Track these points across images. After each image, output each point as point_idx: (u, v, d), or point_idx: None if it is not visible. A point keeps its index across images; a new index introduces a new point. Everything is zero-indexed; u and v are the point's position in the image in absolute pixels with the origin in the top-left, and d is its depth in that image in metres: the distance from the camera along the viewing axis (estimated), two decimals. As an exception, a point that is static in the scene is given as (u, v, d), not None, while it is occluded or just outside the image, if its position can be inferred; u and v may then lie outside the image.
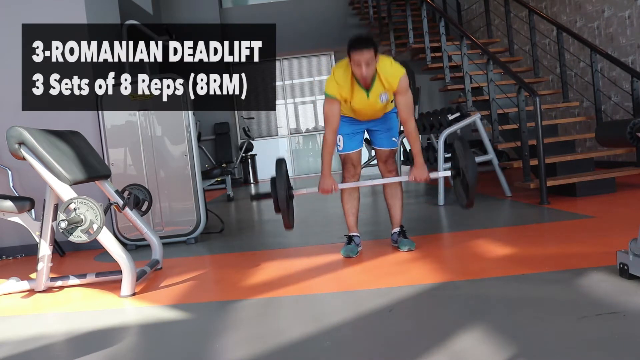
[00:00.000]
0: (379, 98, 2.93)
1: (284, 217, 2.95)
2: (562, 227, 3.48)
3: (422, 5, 6.28)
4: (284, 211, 2.91)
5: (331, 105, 2.92)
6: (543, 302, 2.05)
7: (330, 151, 2.99)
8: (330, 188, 3.00)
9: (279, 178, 2.90)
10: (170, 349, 1.96)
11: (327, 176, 3.01)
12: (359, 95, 2.92)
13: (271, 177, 2.98)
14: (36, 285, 2.90)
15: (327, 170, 3.02)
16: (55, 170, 2.62)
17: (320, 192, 3.03)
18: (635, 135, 2.11)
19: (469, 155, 2.90)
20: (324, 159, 3.01)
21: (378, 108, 3.00)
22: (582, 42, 5.20)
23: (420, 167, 3.00)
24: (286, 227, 3.03)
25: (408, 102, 2.94)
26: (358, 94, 2.91)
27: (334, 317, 2.10)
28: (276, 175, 2.93)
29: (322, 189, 3.01)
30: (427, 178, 3.01)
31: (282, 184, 2.88)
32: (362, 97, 2.92)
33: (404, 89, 2.91)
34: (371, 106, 2.98)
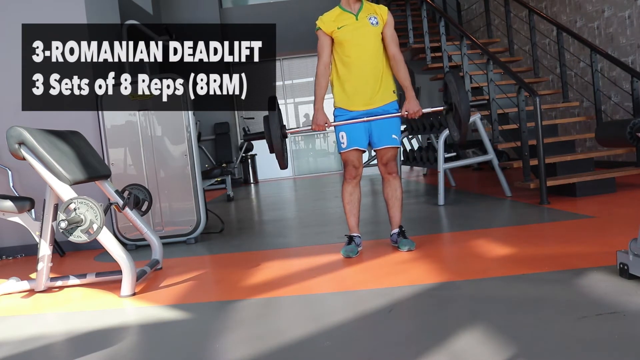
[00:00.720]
0: (368, 20, 3.04)
1: (278, 156, 2.99)
2: (562, 227, 3.48)
3: (422, 5, 6.28)
4: (278, 150, 2.94)
5: (321, 39, 3.10)
6: (543, 302, 2.05)
7: (322, 84, 3.09)
8: (323, 123, 3.08)
9: (272, 117, 2.94)
10: (170, 349, 1.96)
11: (320, 110, 3.09)
12: (347, 20, 3.05)
13: (264, 116, 3.02)
14: (36, 285, 2.90)
15: (320, 104, 3.10)
16: (55, 170, 2.62)
17: (313, 128, 3.10)
18: (635, 135, 2.11)
19: (461, 89, 2.93)
20: (316, 92, 3.11)
21: (371, 39, 3.05)
22: (582, 42, 5.20)
23: (412, 100, 3.07)
24: (281, 166, 3.09)
25: (395, 36, 3.12)
26: (346, 19, 3.05)
27: (334, 317, 2.10)
28: (269, 114, 2.97)
29: (315, 124, 3.09)
30: (419, 112, 3.07)
31: (275, 123, 2.92)
32: (350, 21, 3.04)
33: (392, 23, 3.10)
34: (363, 34, 3.04)
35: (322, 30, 3.09)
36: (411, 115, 3.06)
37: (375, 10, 3.06)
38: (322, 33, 3.09)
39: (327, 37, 3.09)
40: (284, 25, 10.38)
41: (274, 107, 3.00)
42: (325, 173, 10.98)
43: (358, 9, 3.06)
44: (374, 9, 3.07)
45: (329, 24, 3.07)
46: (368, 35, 3.03)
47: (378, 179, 5.78)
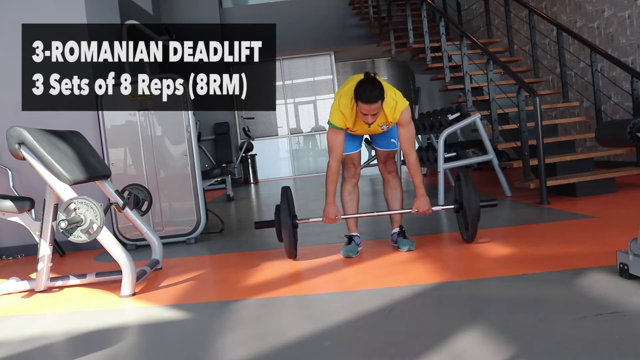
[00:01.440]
0: (379, 127, 3.00)
1: (287, 246, 3.02)
2: (562, 227, 3.48)
3: (422, 5, 6.28)
4: (289, 241, 2.98)
5: (336, 134, 2.95)
6: (543, 302, 2.05)
7: (334, 179, 3.02)
8: (334, 217, 3.04)
9: (284, 207, 2.96)
10: (170, 349, 1.96)
11: (332, 204, 3.04)
12: (361, 125, 2.96)
13: (276, 205, 3.04)
14: (36, 285, 2.90)
15: (332, 198, 3.04)
16: (55, 170, 2.62)
17: (324, 221, 3.08)
18: (635, 135, 2.11)
19: (471, 190, 2.96)
20: (328, 187, 3.04)
21: (378, 132, 3.08)
22: (582, 42, 5.20)
23: (422, 199, 3.06)
24: (289, 256, 3.10)
25: (410, 134, 2.97)
26: (360, 125, 2.96)
27: (334, 317, 2.10)
28: (281, 204, 2.99)
29: (326, 217, 3.06)
30: (429, 210, 3.07)
31: (286, 212, 2.95)
32: (363, 127, 2.97)
33: (406, 122, 2.94)
34: (372, 131, 3.07)
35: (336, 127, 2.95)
36: (420, 213, 3.08)
37: (388, 118, 2.90)
38: (337, 129, 2.95)
39: (343, 131, 2.96)
40: (284, 25, 10.37)
41: (286, 198, 3.01)
42: (325, 173, 10.97)
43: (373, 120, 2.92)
44: (389, 117, 2.90)
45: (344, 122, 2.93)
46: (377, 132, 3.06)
47: (378, 179, 5.77)
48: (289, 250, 3.05)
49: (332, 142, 2.97)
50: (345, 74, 11.61)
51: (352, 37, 10.35)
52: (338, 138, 2.95)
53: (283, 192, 3.04)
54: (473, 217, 2.96)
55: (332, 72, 10.99)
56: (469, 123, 4.87)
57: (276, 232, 3.04)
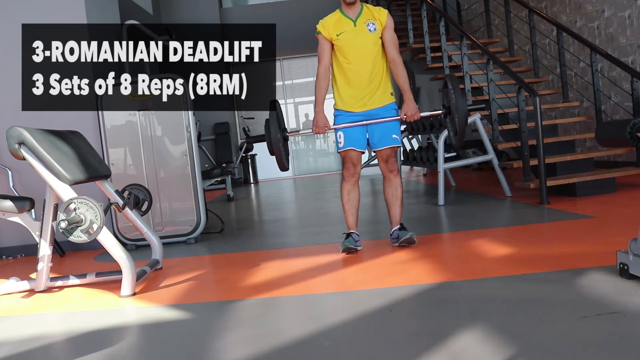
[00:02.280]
0: (366, 26, 3.04)
1: (278, 158, 3.04)
2: (562, 227, 3.48)
3: (422, 5, 6.28)
4: (278, 153, 2.99)
5: (321, 43, 3.13)
6: (543, 302, 2.05)
7: (323, 85, 3.12)
8: (323, 126, 3.12)
9: (272, 119, 2.98)
10: (170, 349, 1.96)
11: (320, 112, 3.13)
12: (345, 27, 3.06)
13: (265, 119, 3.06)
14: (36, 285, 2.90)
15: (320, 106, 3.13)
16: (55, 170, 2.62)
17: (314, 131, 3.14)
18: (635, 135, 2.11)
19: (458, 94, 2.97)
20: (316, 95, 3.14)
21: (369, 45, 3.07)
22: (582, 42, 5.20)
23: (410, 103, 3.11)
24: (281, 168, 3.14)
25: (395, 39, 3.13)
26: (345, 24, 3.06)
27: (334, 317, 2.10)
28: (269, 117, 3.01)
29: (315, 126, 3.13)
30: (418, 115, 3.10)
31: (275, 126, 2.97)
32: (349, 27, 3.05)
33: (391, 26, 3.11)
34: (361, 41, 3.06)
35: (322, 34, 3.11)
36: (409, 118, 3.10)
37: (374, 15, 3.07)
38: (322, 37, 3.12)
39: (327, 41, 3.11)
40: (284, 25, 10.38)
41: (275, 110, 3.01)
42: (325, 173, 10.97)
43: (357, 14, 3.07)
44: (373, 13, 3.08)
45: (329, 29, 3.09)
46: (366, 42, 3.06)
47: (378, 179, 5.77)
48: (280, 162, 3.08)
49: (320, 51, 3.14)
50: (345, 74, 11.59)
51: (352, 37, 10.33)
52: (324, 46, 3.11)
53: (272, 106, 3.08)
54: (461, 119, 2.97)
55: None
56: (469, 123, 4.86)
57: (267, 145, 3.05)
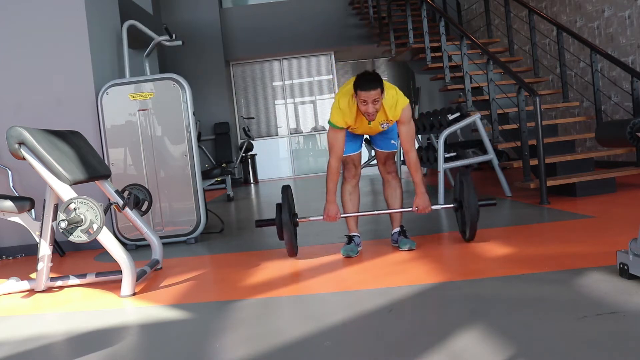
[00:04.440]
0: (380, 125, 3.00)
1: (289, 244, 3.06)
2: (562, 227, 3.48)
3: (422, 5, 6.28)
4: (289, 240, 3.02)
5: (336, 134, 2.97)
6: (543, 302, 2.05)
7: (334, 178, 3.03)
8: (334, 215, 3.05)
9: (284, 205, 2.99)
10: (170, 349, 1.96)
11: (332, 202, 3.06)
12: (361, 123, 2.97)
13: (276, 203, 3.06)
14: (36, 285, 2.90)
15: (332, 196, 3.06)
16: (55, 170, 2.62)
17: (324, 219, 3.10)
18: (635, 135, 2.11)
19: (470, 189, 2.99)
20: (328, 185, 3.05)
21: (379, 131, 3.08)
22: (582, 42, 5.21)
23: (422, 196, 3.06)
24: (290, 254, 3.14)
25: (410, 132, 2.99)
26: (361, 123, 2.96)
27: (334, 317, 2.10)
28: (282, 202, 3.02)
29: (327, 215, 3.07)
30: (429, 208, 3.08)
31: (287, 212, 2.98)
32: (364, 124, 2.97)
33: (406, 119, 2.96)
34: (372, 130, 3.06)
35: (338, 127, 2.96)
36: (420, 212, 3.08)
37: (388, 116, 2.91)
38: (338, 130, 2.96)
39: (343, 131, 2.97)
40: (284, 25, 10.39)
41: (287, 196, 3.03)
42: (325, 173, 10.97)
43: None
44: (387, 116, 2.92)
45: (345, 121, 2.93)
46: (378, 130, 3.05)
47: (378, 179, 5.77)
48: (290, 249, 3.09)
49: (332, 142, 2.98)
50: (345, 74, 11.61)
51: (352, 37, 10.35)
52: (338, 138, 2.97)
53: (283, 191, 3.07)
54: (472, 216, 2.98)
55: (332, 72, 10.99)
56: (469, 123, 4.87)
57: (277, 230, 3.07)
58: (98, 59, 4.25)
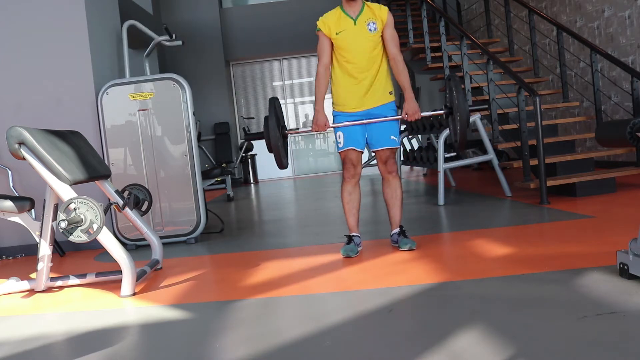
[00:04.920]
0: (366, 26, 3.04)
1: (277, 156, 3.04)
2: (562, 227, 3.48)
3: (422, 5, 6.29)
4: (277, 150, 2.99)
5: (321, 41, 3.11)
6: (543, 302, 2.05)
7: (322, 83, 3.11)
8: (323, 124, 3.11)
9: (272, 117, 2.99)
10: (170, 349, 1.96)
11: (320, 111, 3.12)
12: (345, 25, 3.05)
13: (265, 116, 3.06)
14: (36, 285, 2.90)
15: (320, 105, 3.11)
16: (55, 170, 2.62)
17: (313, 129, 3.13)
18: (635, 135, 2.11)
19: (460, 95, 2.96)
20: (316, 93, 3.12)
21: (368, 44, 3.05)
22: (582, 42, 5.21)
23: (411, 102, 3.09)
24: (280, 166, 3.13)
25: (395, 36, 3.11)
26: (345, 22, 3.05)
27: (334, 317, 2.10)
28: (269, 114, 3.02)
29: (315, 124, 3.12)
30: (418, 114, 3.08)
31: (275, 123, 2.97)
32: (349, 25, 3.04)
33: (392, 23, 3.10)
34: (360, 41, 3.04)
35: (322, 32, 3.10)
36: (410, 117, 3.08)
37: (375, 13, 3.06)
38: (322, 35, 3.10)
39: (327, 39, 3.10)
40: (284, 25, 10.39)
41: (274, 107, 3.02)
42: (325, 173, 10.97)
43: (358, 12, 3.06)
44: (374, 11, 3.07)
45: (329, 27, 3.07)
46: (365, 42, 3.05)
47: (378, 179, 5.77)
48: (279, 160, 3.08)
49: (320, 49, 3.12)
50: (345, 74, 11.59)
51: (352, 37, 10.34)
52: (324, 44, 3.10)
53: (271, 103, 3.07)
54: (463, 120, 2.95)
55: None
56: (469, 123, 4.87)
57: (266, 142, 3.05)
58: (98, 59, 4.25)
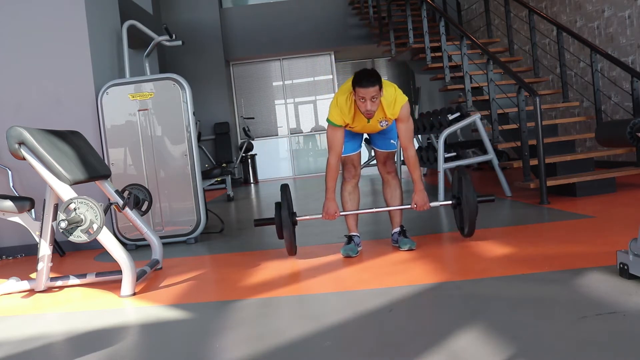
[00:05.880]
0: (378, 123, 2.99)
1: (288, 243, 3.07)
2: (562, 227, 3.48)
3: (422, 5, 6.28)
4: (289, 238, 3.03)
5: (335, 131, 2.98)
6: (543, 302, 2.05)
7: (333, 176, 3.03)
8: (333, 213, 3.05)
9: (283, 204, 3.01)
10: (170, 349, 1.96)
11: (331, 200, 3.06)
12: (360, 122, 2.97)
13: (275, 202, 3.07)
14: (36, 285, 2.90)
15: (331, 194, 3.06)
16: (55, 170, 2.62)
17: (324, 217, 3.10)
18: (635, 135, 2.11)
19: (469, 186, 3.00)
20: (327, 183, 3.05)
21: (378, 129, 3.07)
22: (582, 42, 5.21)
23: (420, 194, 3.07)
24: (290, 253, 3.15)
25: (409, 129, 3.00)
26: (359, 120, 2.96)
27: (334, 317, 2.10)
28: (281, 202, 3.03)
29: (326, 213, 3.07)
30: (427, 206, 3.08)
31: (286, 211, 2.99)
32: (363, 122, 2.97)
33: (405, 117, 2.96)
34: (371, 128, 3.06)
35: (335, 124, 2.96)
36: (419, 209, 3.08)
37: (387, 113, 2.92)
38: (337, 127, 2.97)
39: (342, 129, 2.97)
40: (284, 25, 10.39)
41: (285, 195, 3.04)
42: (324, 172, 10.96)
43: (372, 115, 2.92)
44: (386, 114, 2.92)
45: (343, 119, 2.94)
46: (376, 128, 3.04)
47: (378, 179, 5.77)
48: (289, 247, 3.10)
49: (331, 140, 2.99)
50: (345, 74, 11.61)
51: (352, 37, 10.35)
52: (337, 135, 2.98)
53: (282, 190, 3.09)
54: (471, 212, 2.99)
55: (332, 72, 11.00)
56: (469, 123, 4.87)
57: (276, 229, 3.08)
58: (98, 59, 4.25)
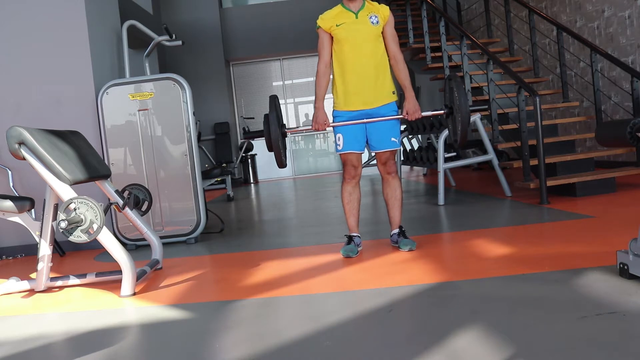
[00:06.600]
0: (368, 18, 3.04)
1: (277, 154, 3.03)
2: (562, 227, 3.48)
3: (422, 5, 6.28)
4: (277, 149, 2.98)
5: (321, 38, 3.11)
6: (543, 302, 2.05)
7: (322, 84, 3.11)
8: (323, 122, 3.10)
9: (272, 115, 2.98)
10: (170, 349, 1.96)
11: (320, 109, 3.12)
12: (346, 18, 3.04)
13: (264, 114, 3.05)
14: (36, 285, 2.90)
15: (320, 103, 3.12)
16: (55, 170, 2.62)
17: (313, 127, 3.12)
18: (635, 135, 2.11)
19: (462, 94, 2.95)
20: (317, 91, 3.13)
21: (369, 36, 3.04)
22: (582, 42, 5.21)
23: (411, 100, 3.09)
24: (279, 165, 3.12)
25: (395, 35, 3.13)
26: (345, 17, 3.05)
27: (333, 317, 2.10)
28: (269, 113, 3.00)
29: (315, 122, 3.11)
30: (419, 113, 3.08)
31: (275, 122, 2.96)
32: (350, 19, 3.04)
33: (392, 22, 3.11)
34: (362, 32, 3.03)
35: (321, 28, 3.09)
36: (410, 117, 3.07)
37: (378, 8, 3.07)
38: (322, 31, 3.10)
39: (327, 34, 3.09)
40: (284, 25, 10.40)
41: (274, 106, 3.02)
42: (325, 173, 10.97)
43: (359, 7, 3.05)
44: (376, 7, 3.07)
45: (329, 21, 3.07)
46: (366, 35, 3.03)
47: (378, 179, 5.77)
48: (279, 159, 3.06)
49: (320, 46, 3.11)
50: (345, 74, 11.59)
51: (352, 37, 10.34)
52: (323, 41, 3.10)
53: (271, 101, 3.06)
54: (463, 120, 2.94)
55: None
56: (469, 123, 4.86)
57: (265, 141, 3.03)
58: (98, 59, 4.25)
